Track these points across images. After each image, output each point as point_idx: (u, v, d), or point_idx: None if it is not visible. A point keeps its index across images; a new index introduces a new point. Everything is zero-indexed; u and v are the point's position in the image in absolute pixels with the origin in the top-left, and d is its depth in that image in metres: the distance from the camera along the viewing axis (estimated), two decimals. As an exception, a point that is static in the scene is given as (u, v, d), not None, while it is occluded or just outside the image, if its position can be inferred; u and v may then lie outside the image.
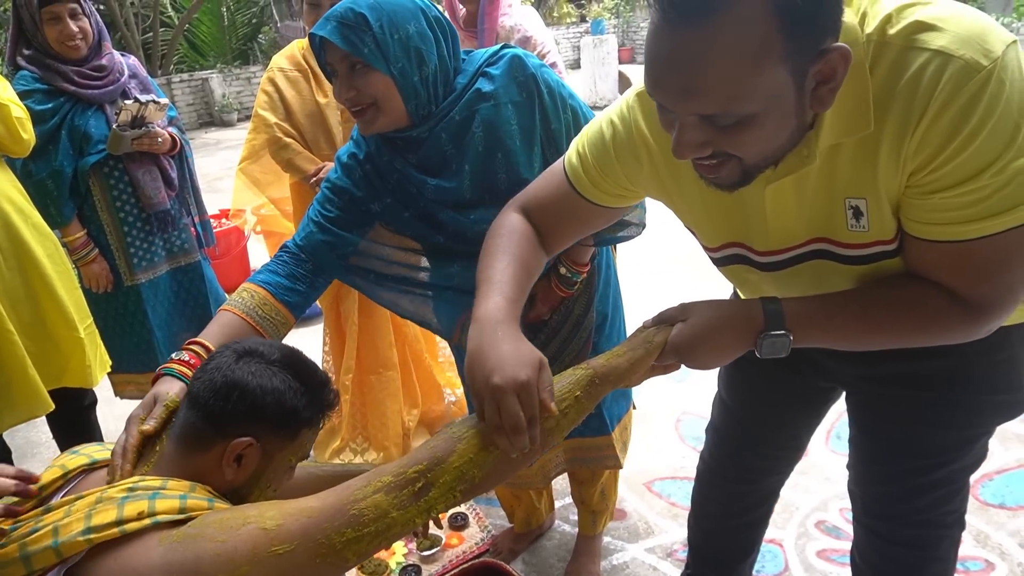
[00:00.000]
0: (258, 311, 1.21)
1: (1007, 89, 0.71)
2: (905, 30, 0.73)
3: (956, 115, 0.72)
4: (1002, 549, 1.85)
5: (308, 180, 2.09)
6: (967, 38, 0.71)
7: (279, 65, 2.14)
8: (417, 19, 1.23)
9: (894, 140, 0.76)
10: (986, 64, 0.70)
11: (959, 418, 1.06)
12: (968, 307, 0.82)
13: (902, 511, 1.16)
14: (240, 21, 12.04)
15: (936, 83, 0.72)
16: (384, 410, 2.32)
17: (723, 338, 0.90)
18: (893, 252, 0.86)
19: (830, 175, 0.82)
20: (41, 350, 1.80)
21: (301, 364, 1.02)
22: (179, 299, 2.39)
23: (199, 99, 11.15)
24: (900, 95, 0.74)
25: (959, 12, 0.74)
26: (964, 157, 0.73)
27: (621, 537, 2.01)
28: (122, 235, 2.19)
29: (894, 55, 0.74)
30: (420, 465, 0.84)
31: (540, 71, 1.31)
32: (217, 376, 0.96)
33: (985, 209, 0.75)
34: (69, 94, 2.05)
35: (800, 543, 1.93)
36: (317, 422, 1.04)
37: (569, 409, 0.88)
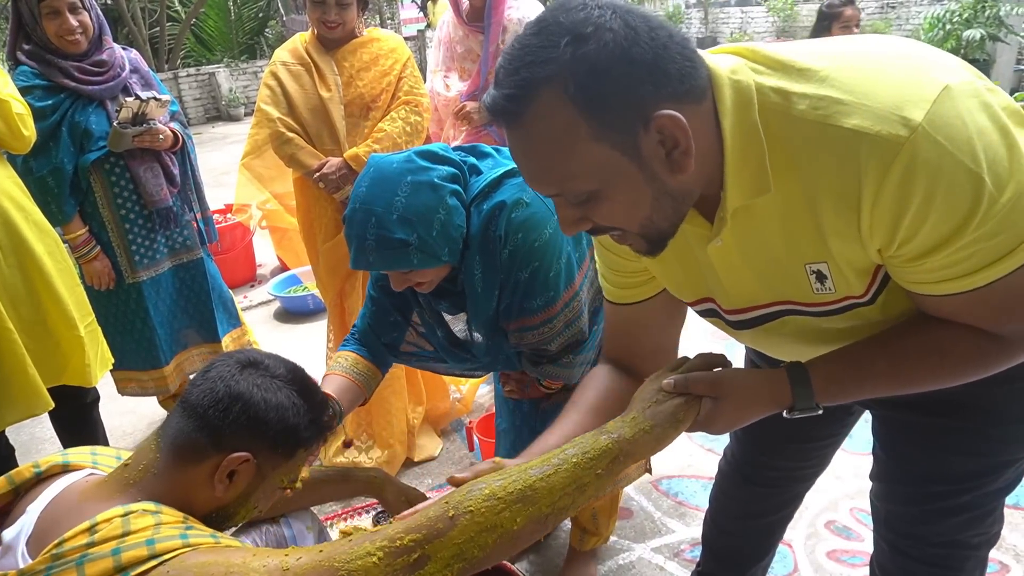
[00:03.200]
0: (353, 369, 1.43)
1: (944, 147, 0.67)
2: (813, 107, 0.71)
3: (896, 194, 0.69)
4: (1017, 551, 1.82)
5: (311, 175, 2.07)
6: (881, 112, 0.69)
7: (281, 59, 2.12)
8: (443, 203, 1.24)
9: (837, 216, 0.74)
10: (906, 135, 0.67)
11: (985, 447, 1.01)
12: (1002, 342, 0.79)
13: (925, 532, 1.11)
14: (247, 15, 12.03)
15: (859, 166, 0.69)
16: (389, 407, 2.30)
17: (751, 415, 0.91)
18: (868, 302, 0.85)
19: (786, 240, 0.81)
20: (41, 348, 1.79)
21: (305, 381, 0.99)
22: (181, 296, 2.37)
23: (206, 93, 11.14)
24: (825, 174, 0.72)
25: (868, 78, 0.71)
26: (929, 226, 0.71)
27: (627, 536, 1.98)
28: (124, 232, 2.18)
29: (810, 131, 0.72)
30: (418, 535, 0.79)
31: (514, 231, 1.28)
32: (219, 385, 0.92)
33: (985, 258, 0.72)
34: (69, 90, 2.03)
35: (810, 543, 1.90)
36: (315, 444, 1.01)
37: (588, 486, 0.84)
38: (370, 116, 2.09)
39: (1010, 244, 0.71)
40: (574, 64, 0.67)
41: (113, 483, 0.92)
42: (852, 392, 0.88)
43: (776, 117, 0.73)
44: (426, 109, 2.16)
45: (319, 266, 2.27)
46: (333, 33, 2.05)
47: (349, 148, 2.08)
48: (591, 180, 0.74)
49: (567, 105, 0.69)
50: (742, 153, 0.75)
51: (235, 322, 2.54)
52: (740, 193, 0.77)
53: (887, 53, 0.75)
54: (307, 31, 2.16)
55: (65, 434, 2.13)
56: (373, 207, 1.20)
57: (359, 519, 2.11)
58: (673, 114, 0.69)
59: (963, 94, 0.69)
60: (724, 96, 0.74)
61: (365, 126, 2.09)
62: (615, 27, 0.68)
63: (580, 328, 1.40)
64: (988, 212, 0.69)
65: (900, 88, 0.69)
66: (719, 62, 0.76)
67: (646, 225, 0.79)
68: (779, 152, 0.74)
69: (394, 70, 2.10)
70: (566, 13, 0.69)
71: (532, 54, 0.69)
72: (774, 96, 0.74)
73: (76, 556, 0.79)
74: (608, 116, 0.70)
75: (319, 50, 2.09)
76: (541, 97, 0.69)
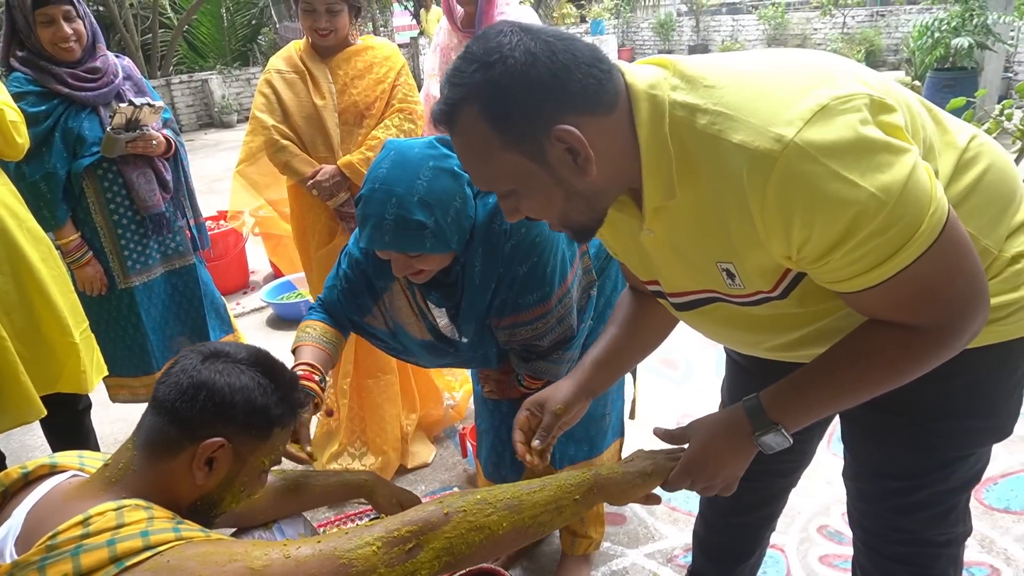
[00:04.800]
0: (323, 338, 1.45)
1: (817, 159, 0.74)
2: (711, 123, 0.80)
3: (777, 203, 0.77)
4: (1007, 554, 1.83)
5: (305, 182, 2.07)
6: (759, 128, 0.76)
7: (276, 67, 2.13)
8: (460, 191, 1.26)
9: (740, 223, 0.82)
10: (779, 150, 0.74)
11: (932, 443, 1.05)
12: (926, 332, 0.83)
13: (889, 529, 1.16)
14: (239, 22, 12.03)
15: (742, 178, 0.78)
16: (382, 414, 2.30)
17: (724, 452, 0.99)
18: (780, 296, 0.91)
19: (699, 240, 0.90)
20: (35, 355, 1.78)
21: (269, 362, 1.01)
22: (173, 302, 2.37)
23: (199, 100, 11.14)
24: (722, 184, 0.81)
25: (757, 96, 0.79)
26: (818, 231, 0.77)
27: (620, 543, 1.99)
28: (116, 238, 2.18)
29: (708, 143, 0.80)
30: (414, 526, 0.87)
31: (516, 227, 1.32)
32: (183, 378, 0.93)
33: (883, 252, 0.77)
34: (63, 96, 2.03)
35: (802, 548, 1.91)
36: (289, 421, 1.02)
37: (565, 508, 0.97)
38: (364, 124, 2.10)
39: (904, 237, 0.76)
40: (483, 86, 0.79)
41: (95, 482, 0.93)
42: (801, 408, 0.93)
43: (684, 130, 0.82)
44: (420, 117, 2.17)
45: (313, 273, 2.28)
46: (325, 41, 2.06)
47: (343, 156, 2.08)
48: (508, 182, 0.86)
49: (481, 121, 0.81)
50: (655, 160, 0.84)
51: (227, 328, 2.54)
52: (655, 195, 0.87)
53: (785, 70, 0.82)
54: (302, 39, 2.16)
55: (56, 441, 2.12)
56: (394, 188, 1.20)
57: (352, 525, 2.10)
58: (568, 128, 0.79)
59: (839, 110, 0.75)
60: (641, 109, 0.83)
61: (359, 134, 2.10)
62: (516, 54, 0.78)
63: (570, 324, 1.42)
64: (871, 213, 0.74)
65: (781, 105, 0.77)
66: (641, 75, 0.85)
67: (564, 220, 0.91)
68: (687, 162, 0.83)
69: (388, 78, 2.11)
70: (483, 42, 0.81)
71: (456, 76, 0.82)
72: (681, 111, 0.82)
73: (71, 547, 0.80)
74: (514, 129, 0.81)
75: (313, 58, 2.10)
76: (463, 113, 0.82)
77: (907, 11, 11.59)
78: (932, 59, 5.95)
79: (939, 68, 6.02)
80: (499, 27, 0.82)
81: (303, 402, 1.05)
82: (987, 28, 5.73)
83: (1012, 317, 0.92)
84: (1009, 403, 1.03)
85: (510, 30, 0.81)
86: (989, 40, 5.83)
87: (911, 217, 0.76)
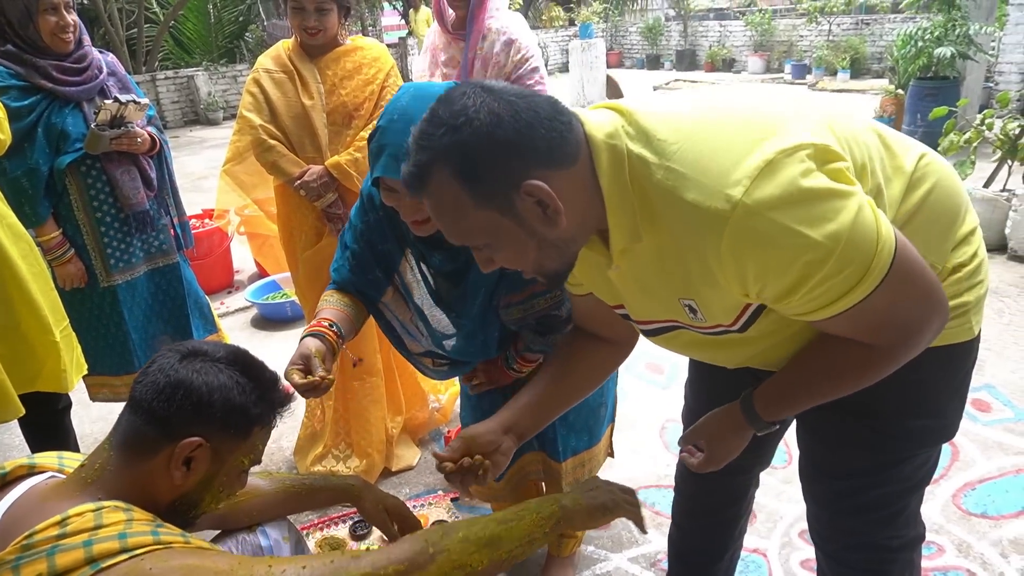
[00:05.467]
0: (341, 302, 1.43)
1: (764, 216, 0.79)
2: (665, 178, 0.84)
3: (731, 259, 0.83)
4: (984, 559, 1.86)
5: (292, 183, 2.06)
6: (710, 188, 0.81)
7: (264, 66, 2.11)
8: None
9: (700, 267, 0.87)
10: (728, 210, 0.80)
11: (878, 442, 1.09)
12: (882, 350, 0.92)
13: (840, 532, 1.20)
14: (227, 19, 11.93)
15: (699, 235, 0.83)
16: (368, 416, 2.29)
17: (726, 430, 1.11)
18: (739, 331, 0.98)
19: (662, 277, 0.95)
20: (14, 353, 1.76)
21: (248, 361, 1.00)
22: (156, 300, 2.34)
23: (184, 97, 11.03)
24: (680, 233, 0.86)
25: (706, 154, 0.83)
26: (773, 279, 0.83)
27: (604, 546, 1.99)
28: (99, 235, 2.15)
29: (665, 196, 0.85)
30: (400, 566, 0.90)
31: None
32: (160, 377, 0.93)
33: (840, 289, 0.84)
34: (46, 91, 2.01)
35: (784, 553, 1.93)
36: (268, 420, 1.01)
37: (536, 540, 1.03)
38: (352, 124, 2.09)
39: (857, 276, 0.83)
40: (451, 149, 0.82)
41: (72, 483, 0.92)
42: (785, 406, 1.05)
43: (642, 180, 0.86)
44: (408, 118, 2.17)
45: (299, 273, 2.26)
46: (314, 40, 2.05)
47: (331, 156, 2.07)
48: (482, 236, 0.89)
49: (452, 181, 0.84)
50: (619, 207, 0.88)
51: (211, 328, 2.52)
52: (620, 238, 0.91)
53: (735, 123, 0.86)
54: (290, 37, 2.15)
55: (35, 441, 2.09)
56: (414, 117, 1.19)
57: (336, 529, 2.10)
58: (537, 183, 0.83)
59: (784, 164, 0.80)
60: (601, 159, 0.87)
61: (347, 134, 2.09)
62: (482, 115, 0.82)
63: None
64: (821, 260, 0.80)
65: (730, 163, 0.81)
66: (598, 124, 0.89)
67: (538, 268, 0.94)
68: (648, 208, 0.88)
69: (377, 79, 2.11)
70: (447, 105, 0.84)
71: (424, 139, 0.85)
72: (639, 164, 0.86)
73: (47, 547, 0.80)
74: (484, 187, 0.84)
75: (302, 58, 2.09)
76: (433, 175, 0.84)
77: (891, 20, 11.72)
78: (915, 68, 6.02)
79: (922, 77, 6.10)
80: (462, 89, 0.85)
81: (283, 401, 1.04)
82: (969, 38, 5.81)
83: (953, 323, 0.98)
84: (952, 404, 1.09)
85: (473, 92, 0.84)
86: (971, 50, 5.91)
87: (861, 257, 0.82)
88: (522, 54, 2.16)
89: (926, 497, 2.05)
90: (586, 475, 1.71)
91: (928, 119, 4.79)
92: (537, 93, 0.87)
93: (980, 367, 2.78)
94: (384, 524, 1.32)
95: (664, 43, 15.00)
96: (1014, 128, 3.84)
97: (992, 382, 2.68)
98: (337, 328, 1.36)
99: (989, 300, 3.39)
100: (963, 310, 1.01)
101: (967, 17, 5.89)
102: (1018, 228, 3.76)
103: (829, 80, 11.16)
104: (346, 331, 1.39)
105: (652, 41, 15.00)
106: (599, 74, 9.82)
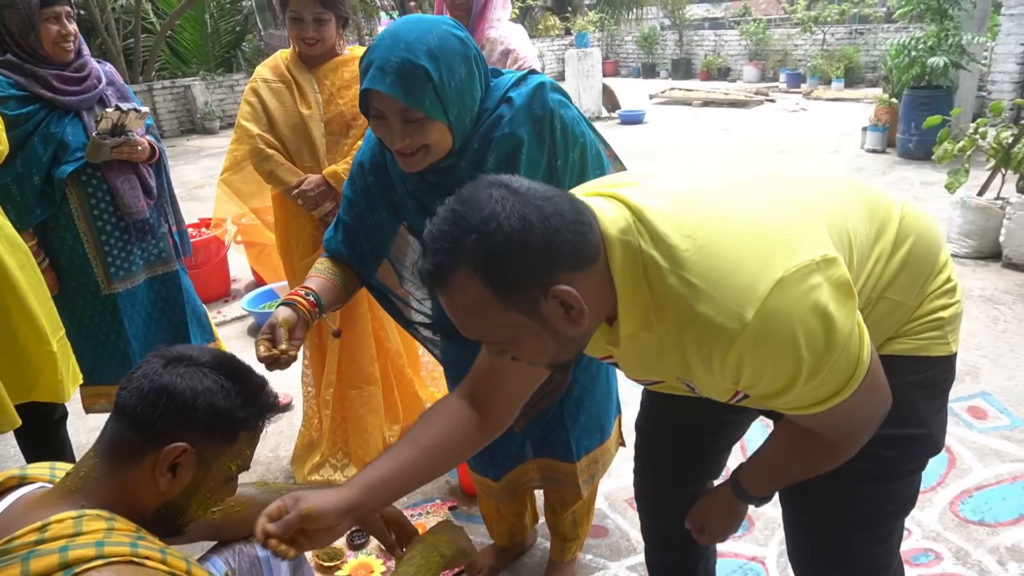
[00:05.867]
0: (328, 271, 1.41)
1: (769, 335, 0.85)
2: (678, 285, 0.88)
3: (734, 366, 0.88)
4: (982, 566, 1.86)
5: (290, 192, 2.07)
6: (723, 305, 0.86)
7: (262, 76, 2.12)
8: (466, 59, 1.23)
9: (699, 361, 0.92)
10: (738, 329, 0.85)
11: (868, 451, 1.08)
12: (840, 443, 1.02)
13: (815, 559, 1.23)
14: (223, 29, 11.96)
15: (708, 345, 0.88)
16: (365, 425, 2.29)
17: (720, 511, 1.23)
18: (731, 404, 1.04)
19: (662, 359, 0.98)
20: (11, 364, 1.75)
21: (233, 365, 0.99)
22: (156, 309, 2.34)
23: (181, 106, 11.04)
24: (685, 332, 0.90)
25: (719, 269, 0.87)
26: (764, 384, 0.91)
27: (603, 555, 1.99)
28: (100, 244, 2.15)
29: (676, 300, 0.89)
30: None
31: (558, 107, 1.32)
32: (144, 383, 0.92)
33: (816, 396, 0.92)
34: (45, 100, 2.01)
35: (782, 561, 1.92)
36: (255, 425, 1.00)
37: None
38: (350, 134, 2.10)
39: (834, 388, 0.92)
40: (482, 254, 0.83)
41: (57, 492, 0.92)
42: (770, 486, 1.16)
43: (655, 280, 0.90)
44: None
45: (296, 282, 2.26)
46: (312, 50, 2.06)
47: (328, 165, 2.08)
48: (502, 335, 0.91)
49: (479, 284, 0.84)
50: (631, 299, 0.92)
51: (209, 337, 2.52)
52: (630, 326, 0.95)
53: (747, 234, 0.90)
54: (285, 47, 2.16)
55: (31, 452, 2.09)
56: (403, 36, 1.18)
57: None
58: (566, 288, 0.85)
59: (792, 283, 0.86)
60: (615, 256, 0.90)
61: (345, 144, 2.10)
62: (513, 222, 0.82)
63: None
64: (809, 375, 0.88)
65: (742, 284, 0.86)
66: (611, 219, 0.91)
67: (552, 362, 0.98)
68: (658, 305, 0.91)
69: (375, 88, 2.11)
70: (474, 209, 0.84)
71: (449, 241, 0.84)
72: (652, 267, 0.90)
73: (23, 552, 0.80)
74: (512, 292, 0.85)
75: (300, 67, 2.10)
76: (457, 276, 0.85)
77: (885, 29, 11.81)
78: (909, 77, 6.07)
79: (915, 86, 6.14)
80: (487, 189, 0.85)
81: (271, 406, 1.03)
82: (962, 48, 5.86)
83: (930, 334, 1.07)
84: (935, 417, 1.13)
85: (499, 194, 0.83)
86: (964, 60, 5.96)
87: (845, 372, 0.91)
88: (519, 65, 2.17)
89: (924, 505, 2.06)
90: (599, 470, 1.71)
91: (922, 128, 4.83)
92: (558, 192, 0.87)
93: (976, 375, 2.79)
94: (382, 533, 1.31)
95: (660, 52, 15.08)
96: (1007, 137, 3.87)
97: (988, 389, 2.69)
98: (315, 297, 1.33)
99: (984, 308, 3.41)
100: (939, 323, 1.08)
101: (959, 27, 5.95)
102: (1012, 236, 3.78)
103: (823, 89, 11.22)
104: (328, 300, 1.36)
105: (648, 50, 15.08)
106: (595, 83, 9.87)
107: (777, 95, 11.19)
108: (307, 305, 1.32)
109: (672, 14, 14.85)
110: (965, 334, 3.09)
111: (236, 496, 1.21)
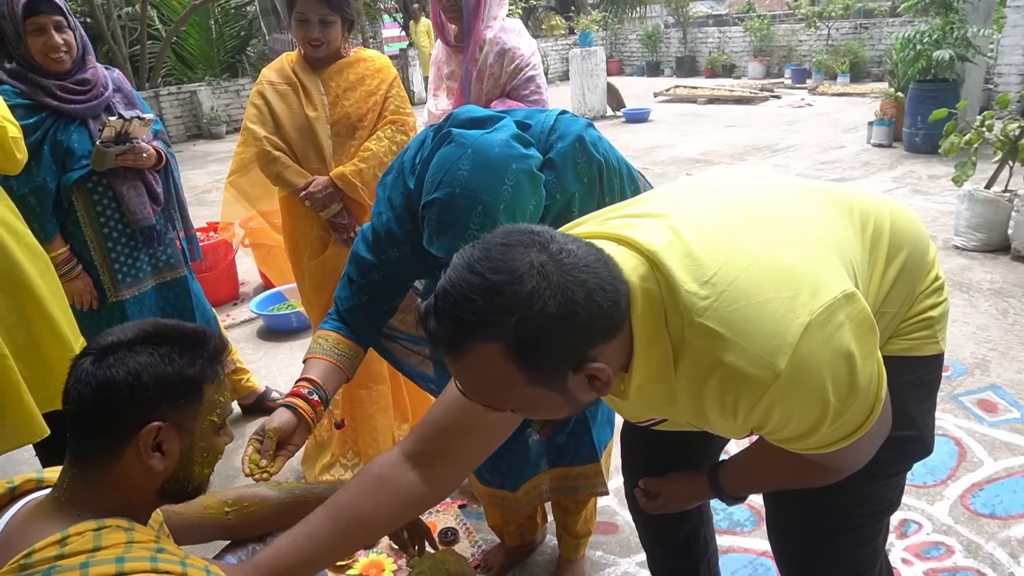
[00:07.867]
0: (334, 351, 1.37)
1: (801, 383, 0.83)
2: (700, 334, 0.83)
3: (763, 413, 0.85)
4: (993, 559, 1.85)
5: (297, 194, 2.08)
6: (754, 355, 0.82)
7: (268, 78, 2.14)
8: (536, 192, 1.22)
9: (720, 414, 0.89)
10: (771, 379, 0.82)
11: None
12: (835, 469, 1.01)
13: (798, 558, 1.22)
14: (228, 34, 12.02)
15: (736, 394, 0.84)
16: (375, 424, 2.30)
17: (685, 487, 1.25)
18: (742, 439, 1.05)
19: (673, 406, 0.96)
20: (35, 374, 1.74)
21: (161, 330, 0.95)
22: (165, 314, 2.36)
23: (187, 111, 11.11)
24: (706, 384, 0.86)
25: (745, 317, 0.82)
26: (788, 430, 0.89)
27: (612, 552, 1.99)
28: (106, 251, 2.17)
29: (698, 352, 0.85)
30: None
31: (598, 152, 1.30)
32: (84, 390, 0.89)
33: (831, 439, 0.91)
34: (51, 109, 2.02)
35: (793, 556, 1.92)
36: (214, 374, 0.97)
37: None
38: (356, 135, 2.11)
39: (852, 428, 0.91)
40: (516, 333, 0.75)
41: (48, 503, 0.91)
42: (748, 488, 1.17)
43: (675, 329, 0.86)
44: (412, 128, 2.18)
45: (304, 284, 2.28)
46: (318, 52, 2.07)
47: (335, 167, 2.09)
48: (517, 404, 0.85)
49: (507, 359, 0.77)
50: (648, 349, 0.86)
51: (219, 341, 2.53)
52: (643, 377, 0.90)
53: (763, 274, 0.85)
54: (290, 50, 2.18)
55: (48, 458, 2.09)
56: (480, 195, 1.13)
57: None
58: (601, 366, 0.80)
59: (819, 326, 0.83)
60: (637, 304, 0.84)
61: (351, 145, 2.11)
62: (556, 305, 0.74)
63: None
64: (833, 419, 0.87)
65: (771, 331, 0.82)
66: (631, 266, 0.86)
67: (562, 420, 0.98)
68: (675, 354, 0.87)
69: (380, 90, 2.13)
70: (511, 281, 0.74)
71: (476, 314, 0.75)
72: (673, 316, 0.85)
73: (44, 567, 0.79)
74: (543, 370, 0.79)
75: (305, 69, 2.11)
76: (481, 348, 0.77)
77: (889, 23, 11.76)
78: (915, 71, 6.04)
79: (921, 80, 6.11)
80: (526, 257, 0.75)
81: (221, 347, 0.99)
82: (967, 41, 5.82)
83: (920, 334, 1.08)
84: (924, 419, 1.12)
85: (539, 266, 0.75)
86: (969, 52, 5.93)
87: (861, 417, 0.90)
88: (516, 64, 2.13)
89: (935, 498, 2.06)
90: (610, 462, 1.70)
91: (928, 121, 4.81)
92: (597, 256, 0.80)
93: (985, 368, 2.78)
94: (394, 531, 1.32)
95: (664, 50, 15.05)
96: (1014, 129, 3.85)
97: (998, 382, 2.68)
98: (320, 395, 1.30)
99: (994, 301, 3.40)
100: (929, 322, 1.08)
101: (965, 20, 5.91)
102: (1021, 228, 3.76)
103: (829, 84, 11.18)
104: (332, 389, 1.34)
105: (652, 48, 15.05)
106: (600, 82, 9.86)
107: (782, 91, 11.15)
108: (310, 410, 1.27)
109: (676, 12, 14.82)
110: (975, 327, 3.09)
111: (250, 496, 1.23)
